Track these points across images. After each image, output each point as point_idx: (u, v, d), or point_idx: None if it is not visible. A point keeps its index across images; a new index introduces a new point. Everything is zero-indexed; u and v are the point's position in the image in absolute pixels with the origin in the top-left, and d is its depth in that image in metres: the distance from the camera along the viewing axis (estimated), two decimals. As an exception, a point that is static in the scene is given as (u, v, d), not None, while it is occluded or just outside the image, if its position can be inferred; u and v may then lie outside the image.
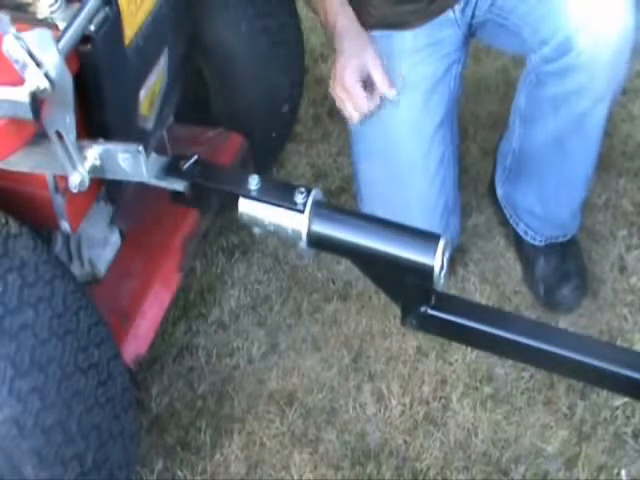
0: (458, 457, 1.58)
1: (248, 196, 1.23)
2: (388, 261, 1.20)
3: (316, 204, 1.22)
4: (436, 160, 1.69)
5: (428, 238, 1.20)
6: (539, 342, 1.21)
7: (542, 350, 1.20)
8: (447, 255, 1.18)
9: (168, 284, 1.52)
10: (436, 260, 1.17)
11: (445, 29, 1.65)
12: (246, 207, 1.24)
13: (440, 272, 1.18)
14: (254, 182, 1.23)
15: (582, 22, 1.47)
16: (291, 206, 1.21)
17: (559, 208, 1.78)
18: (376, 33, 1.62)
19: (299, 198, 1.21)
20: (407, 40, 1.64)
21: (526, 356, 1.26)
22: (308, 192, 1.21)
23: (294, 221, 1.21)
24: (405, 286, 1.24)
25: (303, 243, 1.23)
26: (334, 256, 1.89)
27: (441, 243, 1.18)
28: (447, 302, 1.28)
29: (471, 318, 1.24)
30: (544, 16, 1.51)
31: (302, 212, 1.21)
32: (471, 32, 1.69)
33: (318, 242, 1.23)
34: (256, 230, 1.28)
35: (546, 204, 1.77)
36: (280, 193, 1.23)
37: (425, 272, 1.18)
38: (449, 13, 1.63)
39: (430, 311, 1.25)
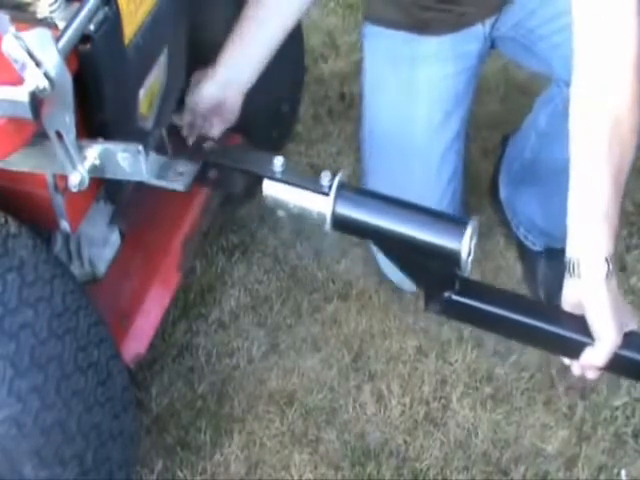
0: (458, 457, 1.58)
1: (273, 178, 1.23)
2: (414, 245, 1.17)
3: (341, 186, 1.20)
4: (448, 175, 1.68)
5: (456, 223, 1.17)
6: (566, 331, 1.17)
7: (569, 339, 1.16)
8: (474, 241, 1.16)
9: (168, 284, 1.52)
10: (463, 246, 1.15)
11: (472, 43, 1.61)
12: (270, 189, 1.23)
13: (467, 258, 1.16)
14: (279, 164, 1.23)
15: None
16: (316, 188, 1.20)
17: (562, 225, 1.75)
18: (401, 34, 1.59)
19: (324, 180, 1.20)
20: (431, 47, 1.59)
21: (551, 345, 1.23)
22: (333, 175, 1.20)
23: (319, 204, 1.20)
24: (430, 271, 1.22)
25: (327, 226, 1.21)
26: (334, 256, 1.89)
27: (469, 228, 1.15)
28: (471, 288, 1.25)
29: (496, 305, 1.21)
30: None
31: (327, 194, 1.19)
32: (492, 45, 1.66)
33: (342, 225, 1.21)
34: (280, 212, 1.27)
35: (549, 219, 1.76)
36: (305, 175, 1.22)
37: (452, 258, 1.15)
38: (478, 26, 1.59)
39: (454, 297, 1.22)
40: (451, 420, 1.63)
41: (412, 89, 1.63)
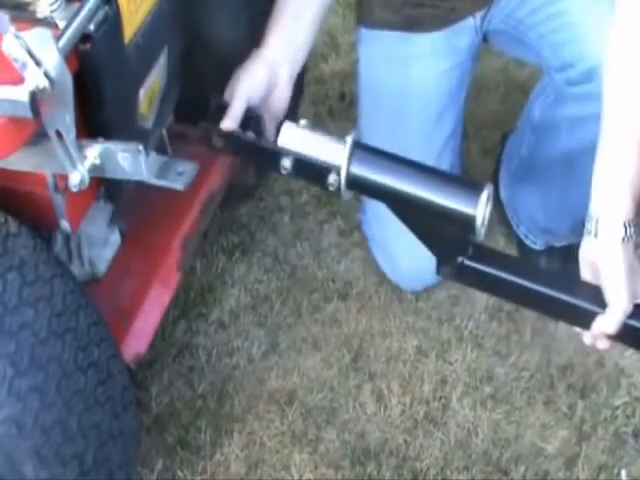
0: (458, 457, 1.58)
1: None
2: (428, 209, 1.16)
3: (356, 145, 1.19)
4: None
5: (471, 187, 1.16)
6: (577, 299, 1.16)
7: (580, 308, 1.16)
8: (489, 206, 1.15)
9: (168, 283, 1.52)
10: (478, 211, 1.13)
11: (464, 37, 1.62)
12: (286, 138, 1.22)
13: (482, 223, 1.14)
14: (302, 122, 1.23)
15: None
16: (334, 137, 1.19)
17: (562, 221, 1.75)
18: (393, 34, 1.61)
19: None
20: (424, 44, 1.61)
21: (562, 313, 1.22)
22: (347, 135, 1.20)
23: (334, 158, 1.19)
24: (443, 235, 1.20)
25: (342, 186, 1.20)
26: (334, 256, 1.89)
27: (484, 193, 1.14)
28: (484, 254, 1.23)
29: (508, 271, 1.20)
30: (569, 41, 1.47)
31: (344, 144, 1.18)
32: (485, 39, 1.67)
33: (356, 184, 1.20)
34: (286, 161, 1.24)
35: (549, 215, 1.76)
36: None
37: (467, 222, 1.14)
38: (469, 20, 1.60)
39: (467, 262, 1.21)
40: (451, 420, 1.63)
41: (406, 88, 1.64)
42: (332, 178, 1.20)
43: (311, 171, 1.22)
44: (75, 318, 1.16)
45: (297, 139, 1.22)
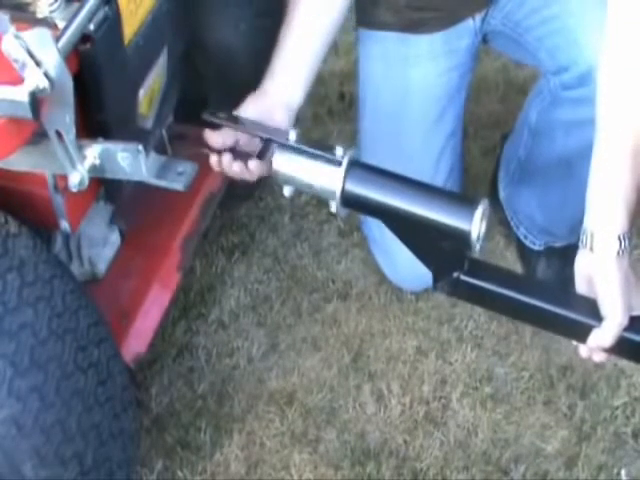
0: (458, 457, 1.58)
1: (285, 146, 1.22)
2: (424, 225, 1.16)
3: (352, 163, 1.19)
4: (445, 174, 1.69)
5: (467, 203, 1.15)
6: (574, 313, 1.16)
7: (577, 322, 1.15)
8: (485, 221, 1.15)
9: (168, 283, 1.52)
10: (474, 226, 1.13)
11: (463, 38, 1.62)
12: (282, 158, 1.22)
13: (478, 238, 1.14)
14: (292, 135, 1.22)
15: None
16: (329, 157, 1.19)
17: (561, 222, 1.75)
18: (393, 34, 1.61)
19: (338, 151, 1.19)
20: (423, 45, 1.61)
21: (559, 327, 1.21)
22: (344, 150, 1.19)
23: (329, 178, 1.19)
24: (439, 251, 1.20)
25: (337, 202, 1.20)
26: (334, 256, 1.89)
27: (480, 208, 1.14)
28: (480, 268, 1.22)
29: (504, 286, 1.19)
30: (564, 45, 1.47)
31: (339, 165, 1.18)
32: (484, 40, 1.67)
33: (352, 201, 1.20)
34: (286, 190, 1.24)
35: (548, 216, 1.76)
36: (318, 147, 1.21)
37: (462, 238, 1.14)
38: (469, 21, 1.60)
39: (463, 277, 1.20)
40: (451, 420, 1.63)
41: (406, 89, 1.64)
42: (333, 205, 1.20)
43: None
44: (75, 318, 1.16)
45: (290, 165, 1.22)
